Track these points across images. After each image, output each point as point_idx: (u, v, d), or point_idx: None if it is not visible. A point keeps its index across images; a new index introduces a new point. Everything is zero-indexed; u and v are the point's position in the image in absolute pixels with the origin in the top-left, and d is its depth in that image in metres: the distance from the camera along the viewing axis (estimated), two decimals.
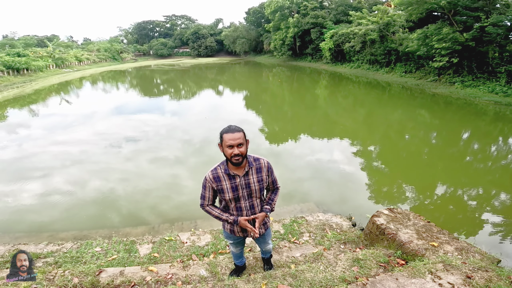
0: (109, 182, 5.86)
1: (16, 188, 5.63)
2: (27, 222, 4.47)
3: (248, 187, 1.93)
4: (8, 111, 13.83)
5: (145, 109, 14.25)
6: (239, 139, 1.75)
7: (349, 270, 2.46)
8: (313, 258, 2.87)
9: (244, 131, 1.82)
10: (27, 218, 4.60)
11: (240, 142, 1.76)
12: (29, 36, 60.23)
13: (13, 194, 5.42)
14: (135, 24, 72.11)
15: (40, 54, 34.37)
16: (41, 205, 5.01)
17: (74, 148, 7.92)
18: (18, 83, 23.26)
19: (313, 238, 3.44)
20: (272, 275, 2.36)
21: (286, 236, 3.48)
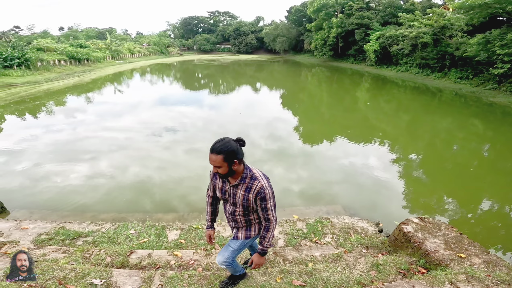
0: (147, 169, 6.26)
1: (67, 169, 6.19)
2: (74, 201, 4.87)
3: (234, 198, 1.88)
4: (67, 97, 15.46)
5: (185, 101, 14.96)
6: (215, 162, 1.68)
7: (367, 273, 2.41)
8: (332, 259, 2.84)
9: (225, 154, 1.65)
10: (74, 198, 4.99)
11: (217, 165, 1.69)
12: (91, 28, 64.95)
13: (64, 174, 5.96)
14: (182, 19, 75.17)
15: (99, 46, 37.44)
16: (86, 186, 5.45)
17: (120, 135, 8.57)
18: (78, 72, 25.78)
19: (335, 240, 3.39)
20: (289, 270, 2.39)
21: (308, 235, 3.47)
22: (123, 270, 2.49)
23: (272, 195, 1.82)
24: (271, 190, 1.81)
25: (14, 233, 3.33)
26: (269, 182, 1.83)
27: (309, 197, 5.20)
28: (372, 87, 20.85)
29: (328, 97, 17.56)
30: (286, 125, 10.15)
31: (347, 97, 17.01)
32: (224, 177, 1.78)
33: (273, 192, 1.82)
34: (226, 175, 1.76)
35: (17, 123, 10.34)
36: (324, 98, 17.18)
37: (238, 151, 1.71)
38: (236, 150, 1.70)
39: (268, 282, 2.30)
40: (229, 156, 1.67)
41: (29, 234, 3.34)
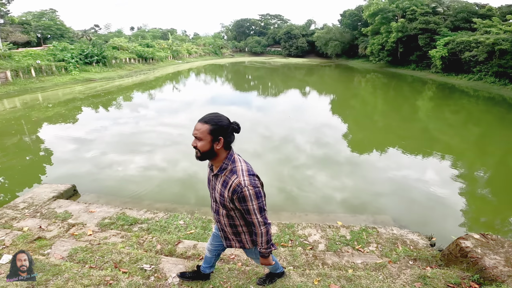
0: (195, 165, 6.57)
1: (128, 159, 6.87)
2: (133, 189, 5.33)
3: (214, 191, 1.67)
4: (134, 94, 17.19)
5: (234, 101, 15.48)
6: (198, 131, 1.48)
7: (411, 285, 2.26)
8: (375, 267, 2.71)
9: (213, 126, 1.47)
10: (133, 186, 5.46)
11: (198, 136, 1.48)
12: (156, 29, 70.11)
13: (125, 163, 6.62)
14: (234, 21, 77.68)
15: (162, 46, 40.78)
16: (144, 176, 5.97)
17: (174, 131, 9.22)
18: (145, 70, 28.49)
19: (380, 249, 3.21)
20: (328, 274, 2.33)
21: (351, 242, 3.35)
22: (170, 258, 2.66)
23: (256, 196, 1.51)
24: (255, 190, 1.50)
25: (83, 215, 3.76)
26: (253, 180, 1.52)
27: (353, 206, 4.98)
28: (437, 96, 18.97)
29: (384, 104, 16.49)
30: (334, 132, 9.82)
31: (406, 106, 15.76)
32: (202, 157, 1.53)
33: (257, 192, 1.52)
34: (204, 155, 1.52)
35: (91, 114, 11.85)
36: (378, 105, 16.19)
37: (228, 130, 1.51)
38: (227, 128, 1.50)
39: (305, 283, 2.29)
40: (217, 130, 1.47)
41: (95, 217, 3.72)
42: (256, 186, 1.52)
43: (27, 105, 13.13)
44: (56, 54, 21.77)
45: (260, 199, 1.54)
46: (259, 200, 1.54)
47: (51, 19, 42.57)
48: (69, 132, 9.13)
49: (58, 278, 2.27)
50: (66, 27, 43.98)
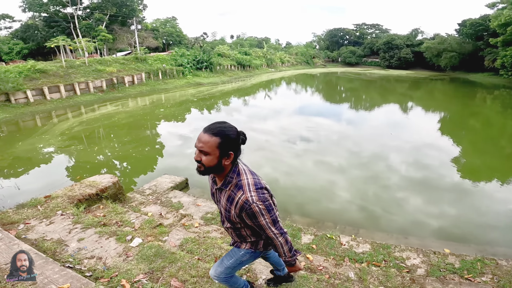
0: (276, 171, 6.82)
1: None
2: None
3: (219, 205, 1.57)
4: (231, 99, 19.05)
5: (324, 113, 15.24)
6: (205, 145, 1.30)
7: None
8: None
9: (224, 139, 1.31)
10: None
11: (205, 150, 1.31)
12: (252, 37, 73.94)
13: None
14: (327, 31, 75.46)
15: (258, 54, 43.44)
16: None
17: (261, 136, 9.71)
18: (242, 77, 31.12)
19: (496, 281, 2.76)
20: None
21: (459, 271, 2.97)
22: (262, 260, 2.74)
23: (267, 210, 1.39)
24: (265, 204, 1.38)
25: (191, 207, 4.28)
26: (261, 194, 1.39)
27: (456, 236, 4.36)
28: None
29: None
30: (440, 154, 8.53)
31: None
32: (205, 172, 1.38)
33: (268, 206, 1.40)
34: (209, 170, 1.36)
35: (196, 115, 13.77)
36: (508, 127, 13.13)
37: (238, 144, 1.38)
38: (237, 141, 1.36)
39: None
40: (227, 144, 1.32)
41: (200, 211, 4.17)
42: (265, 201, 1.40)
43: (153, 103, 16.30)
44: (177, 59, 26.00)
45: (271, 212, 1.43)
46: (271, 214, 1.43)
47: (172, 26, 49.68)
48: (178, 129, 10.88)
49: (173, 266, 2.44)
50: (183, 34, 50.67)
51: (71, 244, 2.77)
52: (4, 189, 5.63)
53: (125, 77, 20.00)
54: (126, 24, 38.48)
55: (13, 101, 13.96)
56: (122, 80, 19.78)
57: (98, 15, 33.93)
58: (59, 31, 32.56)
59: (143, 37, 38.44)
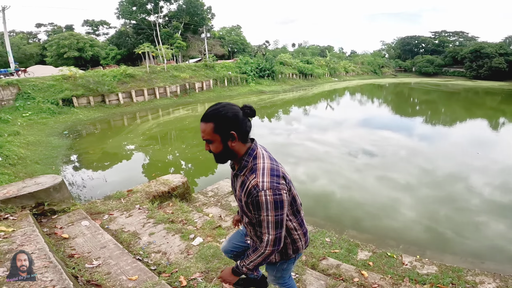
0: (333, 184, 6.56)
1: None
2: None
3: (235, 193, 1.39)
4: (292, 108, 19.10)
5: (391, 126, 14.06)
6: (204, 133, 1.22)
7: None
8: None
9: (217, 122, 1.20)
10: None
11: (206, 138, 1.23)
12: (314, 45, 72.09)
13: None
14: (399, 39, 69.66)
15: (321, 63, 42.46)
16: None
17: (320, 147, 9.51)
18: (304, 86, 30.94)
19: None
20: None
21: None
22: (313, 271, 2.77)
23: (274, 204, 1.18)
24: (274, 197, 1.18)
25: None
26: (275, 182, 1.20)
27: None
28: None
29: None
30: None
31: None
32: (219, 160, 1.29)
33: (277, 201, 1.18)
34: (220, 156, 1.27)
35: (257, 123, 14.18)
36: None
37: (238, 121, 1.22)
38: (235, 118, 1.21)
39: None
40: (223, 125, 1.20)
41: None
42: (277, 192, 1.19)
43: None
44: (241, 67, 27.29)
45: (280, 210, 1.20)
46: (277, 212, 1.20)
47: (237, 35, 51.76)
48: None
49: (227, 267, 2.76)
50: (247, 42, 52.37)
51: (143, 238, 3.08)
52: (94, 180, 6.72)
53: (195, 83, 21.89)
54: (197, 32, 41.99)
55: (107, 102, 16.59)
56: (193, 86, 21.70)
57: (175, 23, 37.90)
58: (144, 38, 36.71)
59: (211, 44, 41.36)
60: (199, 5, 39.12)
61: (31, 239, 2.35)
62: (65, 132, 11.26)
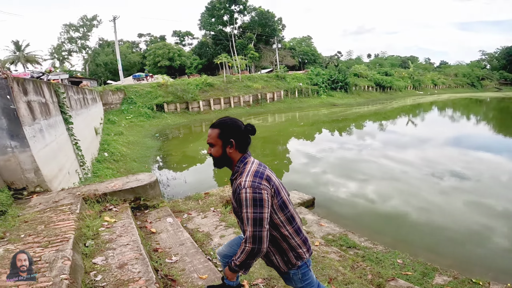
0: (408, 205, 5.95)
1: (340, 182, 7.29)
2: (351, 213, 5.62)
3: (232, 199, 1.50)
4: (366, 122, 17.92)
5: (491, 147, 11.76)
6: (210, 138, 1.43)
7: None
8: None
9: (222, 129, 1.42)
10: (355, 210, 5.69)
11: (211, 142, 1.44)
12: (394, 56, 66.40)
13: (335, 185, 7.02)
14: (503, 48, 58.60)
15: (402, 74, 38.74)
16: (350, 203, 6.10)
17: (397, 166, 8.64)
18: (381, 99, 28.69)
19: None
20: None
21: None
22: None
23: (253, 201, 1.30)
24: (254, 194, 1.30)
25: (314, 226, 4.42)
26: (257, 182, 1.32)
27: None
28: None
29: None
30: None
31: None
32: (216, 163, 1.49)
33: (256, 198, 1.30)
34: (218, 160, 1.46)
35: (326, 136, 13.81)
36: None
37: (239, 132, 1.42)
38: (237, 130, 1.42)
39: None
40: (226, 132, 1.41)
41: (322, 231, 4.26)
42: (257, 191, 1.31)
43: (288, 121, 17.65)
44: (312, 78, 27.01)
45: (258, 208, 1.31)
46: (255, 209, 1.31)
47: (308, 45, 51.39)
48: (307, 148, 11.27)
49: None
50: (317, 52, 51.60)
51: (214, 239, 3.30)
52: (176, 180, 7.58)
53: (267, 94, 22.66)
54: (269, 43, 43.35)
55: (190, 109, 18.62)
56: (265, 96, 22.52)
57: (249, 34, 40.06)
58: (221, 48, 39.82)
59: (282, 55, 42.15)
60: (270, 16, 40.59)
61: (128, 231, 2.77)
62: (156, 134, 13.10)
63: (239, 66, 25.98)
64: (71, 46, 38.08)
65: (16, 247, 2.25)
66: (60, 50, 37.49)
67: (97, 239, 2.63)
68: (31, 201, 3.32)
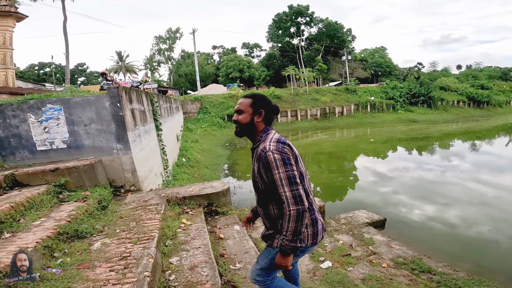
0: (500, 233, 5.13)
1: (417, 204, 6.60)
2: (430, 237, 5.07)
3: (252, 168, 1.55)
4: (453, 141, 15.58)
5: None
6: (241, 105, 1.55)
7: None
8: None
9: (255, 99, 1.55)
10: (430, 233, 5.20)
11: (240, 109, 1.55)
12: (492, 67, 57.17)
13: (409, 206, 6.47)
14: None
15: (503, 88, 32.70)
16: (426, 227, 5.48)
17: (490, 190, 7.41)
18: (475, 116, 24.52)
19: None
20: None
21: None
22: None
23: (281, 161, 1.37)
24: (280, 155, 1.38)
25: (382, 247, 4.12)
26: (280, 146, 1.42)
27: None
28: None
29: None
30: None
31: None
32: (241, 131, 1.57)
33: (284, 158, 1.38)
34: (244, 127, 1.55)
35: (401, 154, 12.49)
36: None
37: (269, 106, 1.56)
38: (267, 103, 1.57)
39: None
40: (258, 103, 1.55)
41: (392, 253, 3.98)
42: (283, 152, 1.40)
43: (358, 137, 16.67)
44: (388, 91, 24.95)
45: (287, 166, 1.37)
46: (286, 168, 1.37)
47: (381, 57, 47.97)
48: (377, 165, 10.41)
49: None
50: (393, 64, 47.85)
51: None
52: (242, 189, 7.90)
53: (336, 108, 21.90)
54: (338, 54, 41.86)
55: None
56: (333, 110, 21.82)
57: (316, 46, 39.44)
58: (289, 60, 40.04)
59: (352, 67, 40.20)
60: (338, 27, 39.35)
61: (200, 234, 3.00)
62: (226, 144, 14.01)
63: (306, 79, 25.87)
64: (160, 57, 43.43)
65: (111, 241, 2.54)
66: (151, 60, 43.23)
67: (175, 239, 2.88)
68: (126, 198, 3.88)
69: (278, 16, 40.59)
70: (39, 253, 2.13)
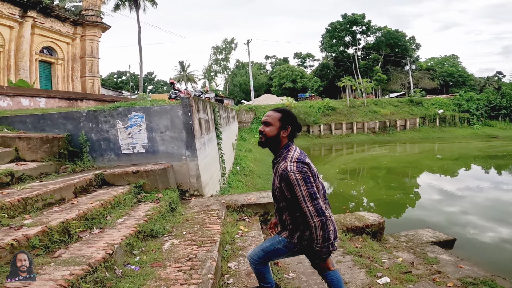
0: None
1: (485, 224, 6.03)
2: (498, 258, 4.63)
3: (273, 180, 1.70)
4: None
5: None
6: (269, 117, 1.65)
7: None
8: None
9: (284, 114, 1.66)
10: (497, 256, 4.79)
11: (268, 121, 1.65)
12: None
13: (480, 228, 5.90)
14: None
15: None
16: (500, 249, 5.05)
17: None
18: None
19: None
20: None
21: None
22: None
23: (303, 180, 1.52)
24: (301, 175, 1.52)
25: (449, 266, 3.77)
26: (300, 166, 1.54)
27: None
28: None
29: None
30: None
31: None
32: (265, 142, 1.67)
33: (305, 178, 1.52)
34: (269, 140, 1.65)
35: (474, 173, 11.00)
36: None
37: (295, 123, 1.67)
38: (295, 120, 1.66)
39: None
40: (287, 118, 1.64)
41: (460, 273, 3.63)
42: (303, 171, 1.53)
43: (423, 152, 15.17)
44: (462, 104, 22.21)
45: (308, 184, 1.52)
46: (307, 186, 1.51)
47: (452, 65, 42.85)
48: (444, 183, 9.37)
49: None
50: (467, 74, 42.52)
51: None
52: None
53: (397, 121, 20.32)
54: (400, 64, 38.78)
55: (311, 132, 19.08)
56: (394, 123, 20.28)
57: (374, 55, 37.17)
58: (343, 70, 38.55)
59: (417, 77, 36.84)
60: (399, 36, 36.60)
61: (257, 242, 3.12)
62: None
63: (363, 90, 24.64)
64: (217, 67, 45.86)
65: (179, 242, 2.73)
66: (209, 70, 46.11)
67: (233, 245, 3.04)
68: (190, 202, 4.23)
69: (332, 26, 39.79)
70: (123, 250, 2.35)
